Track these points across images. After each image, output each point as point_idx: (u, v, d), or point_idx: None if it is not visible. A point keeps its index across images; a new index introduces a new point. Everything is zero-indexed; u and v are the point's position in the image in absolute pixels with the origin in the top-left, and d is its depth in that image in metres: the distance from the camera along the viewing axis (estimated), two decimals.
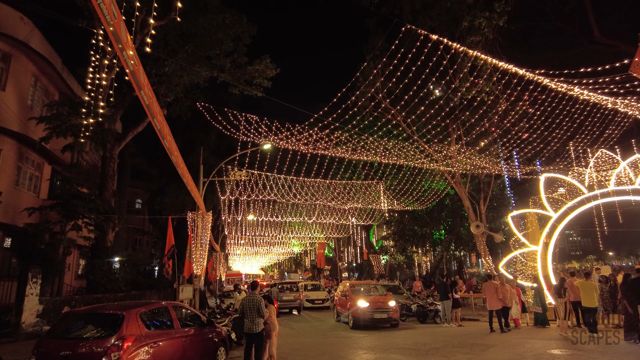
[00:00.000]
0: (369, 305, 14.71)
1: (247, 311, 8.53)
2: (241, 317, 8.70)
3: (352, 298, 15.36)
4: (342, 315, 16.84)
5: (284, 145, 15.74)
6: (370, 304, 14.75)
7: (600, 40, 18.43)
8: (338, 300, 17.62)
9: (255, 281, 10.35)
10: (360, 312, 14.56)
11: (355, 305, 14.77)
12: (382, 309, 14.76)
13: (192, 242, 17.09)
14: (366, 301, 14.87)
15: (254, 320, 8.48)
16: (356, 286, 16.99)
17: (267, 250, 48.31)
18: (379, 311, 14.67)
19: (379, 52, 18.22)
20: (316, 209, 28.02)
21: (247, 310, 8.58)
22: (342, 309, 16.64)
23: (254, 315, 8.51)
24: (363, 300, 14.92)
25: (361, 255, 43.67)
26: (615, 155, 14.99)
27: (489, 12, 15.77)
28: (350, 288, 16.41)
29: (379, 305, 14.83)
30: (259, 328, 8.50)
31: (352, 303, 15.07)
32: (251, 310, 8.59)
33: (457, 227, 30.97)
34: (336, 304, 17.75)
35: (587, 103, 15.27)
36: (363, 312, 14.53)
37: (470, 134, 19.39)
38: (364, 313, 14.51)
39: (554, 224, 15.13)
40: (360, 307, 14.65)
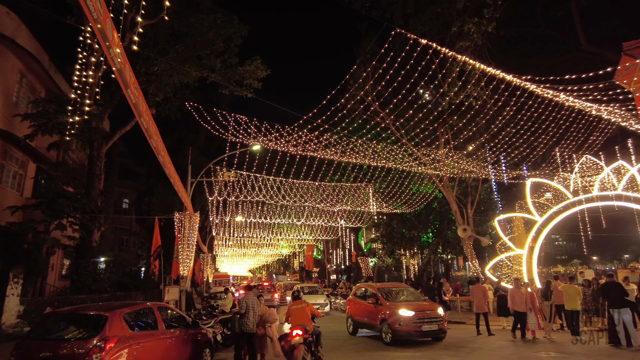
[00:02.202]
0: (415, 314, 11.80)
1: (250, 310, 8.74)
2: (241, 316, 8.85)
3: (387, 306, 12.42)
4: (365, 327, 13.68)
5: (274, 146, 15.72)
6: (416, 312, 11.85)
7: (586, 48, 18.73)
8: (355, 307, 14.32)
9: (249, 284, 10.70)
10: (404, 323, 11.69)
11: (394, 315, 11.88)
12: (432, 319, 11.95)
13: (179, 242, 16.95)
14: (410, 309, 11.93)
15: (253, 321, 8.72)
16: (386, 289, 13.71)
17: (255, 252, 48.12)
18: (428, 322, 11.86)
19: (369, 56, 18.31)
20: (305, 210, 27.99)
21: (250, 309, 8.75)
22: (366, 319, 13.42)
23: (256, 315, 8.75)
24: (405, 309, 11.97)
25: (350, 257, 43.74)
26: (599, 161, 15.26)
27: (478, 18, 15.95)
28: (379, 292, 13.25)
29: (427, 314, 11.99)
30: (253, 328, 8.77)
31: (388, 312, 12.18)
32: (255, 310, 8.85)
33: (444, 231, 31.20)
34: (352, 312, 14.45)
35: (572, 109, 15.52)
36: (407, 323, 11.67)
37: (458, 138, 19.57)
38: (409, 325, 11.66)
39: (539, 228, 15.34)
40: (403, 318, 11.74)
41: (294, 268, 59.60)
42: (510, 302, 12.52)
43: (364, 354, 10.92)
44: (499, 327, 14.63)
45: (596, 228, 29.82)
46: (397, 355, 10.62)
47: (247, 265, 69.30)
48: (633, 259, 58.95)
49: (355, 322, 14.18)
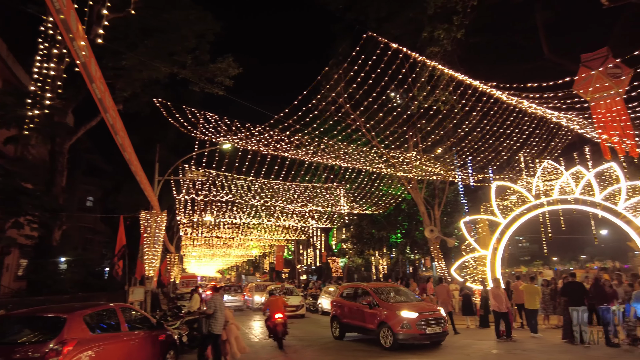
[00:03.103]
0: (418, 316, 10.98)
1: (218, 311, 8.66)
2: (209, 317, 8.74)
3: (386, 307, 11.55)
4: (356, 331, 12.81)
5: (244, 145, 15.58)
6: (420, 314, 11.05)
7: (549, 57, 19.52)
8: (343, 309, 13.14)
9: (217, 285, 10.59)
10: (407, 326, 10.82)
11: (395, 317, 11.02)
12: (436, 321, 11.20)
13: (144, 242, 16.53)
14: (413, 311, 11.10)
15: (222, 322, 8.64)
16: (380, 289, 12.79)
17: (225, 253, 47.49)
18: (432, 324, 11.09)
19: (342, 58, 18.44)
20: (276, 210, 27.86)
21: (218, 310, 8.72)
22: (357, 322, 12.42)
23: (222, 316, 8.67)
24: (408, 310, 11.13)
25: (320, 257, 43.86)
26: (559, 166, 15.92)
27: (448, 25, 16.35)
28: (374, 293, 12.29)
29: (430, 315, 11.22)
30: (222, 330, 8.71)
31: (387, 314, 11.29)
32: (221, 311, 8.76)
33: (412, 231, 31.80)
34: (339, 314, 13.25)
35: (535, 116, 16.17)
36: (411, 326, 10.82)
37: (427, 141, 20.00)
38: (413, 327, 10.80)
39: (503, 229, 15.86)
40: (406, 320, 10.90)
41: (264, 269, 59.18)
42: (492, 302, 12.38)
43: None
44: (464, 326, 15.03)
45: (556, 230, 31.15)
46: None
47: (215, 266, 68.32)
48: (589, 259, 61.89)
49: (343, 326, 13.07)
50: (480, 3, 17.22)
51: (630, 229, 13.78)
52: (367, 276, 42.47)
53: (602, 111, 15.15)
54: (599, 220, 21.99)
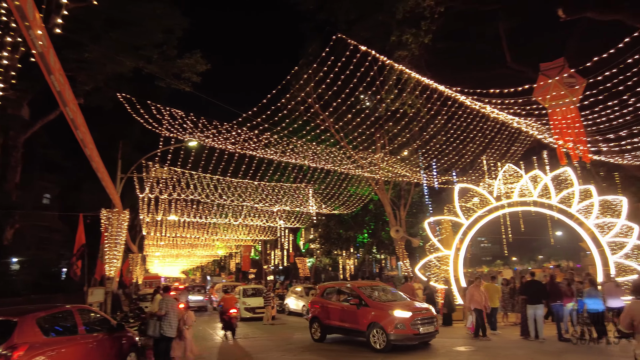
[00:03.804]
0: (412, 315, 10.62)
1: (170, 313, 8.35)
2: (160, 318, 8.39)
3: (377, 307, 11.08)
4: (341, 333, 12.25)
5: (211, 143, 15.33)
6: (413, 313, 10.70)
7: (512, 65, 20.27)
8: (325, 310, 12.52)
9: (168, 285, 10.19)
10: (401, 326, 10.40)
11: (388, 317, 10.57)
12: (428, 320, 10.91)
13: (105, 241, 15.97)
14: (406, 310, 10.76)
15: (174, 325, 8.34)
16: (367, 288, 12.36)
17: (190, 253, 46.49)
18: (426, 323, 10.78)
19: (312, 58, 18.48)
20: (243, 210, 27.55)
21: (171, 311, 8.36)
22: (343, 323, 11.86)
23: (174, 318, 8.38)
24: (400, 309, 10.75)
25: (288, 258, 43.74)
26: (519, 170, 16.55)
27: (416, 29, 16.70)
28: (362, 292, 11.73)
29: (423, 314, 10.90)
30: (175, 332, 8.36)
31: (378, 314, 10.83)
32: (173, 312, 8.39)
33: (379, 232, 32.28)
34: (320, 316, 12.61)
35: (497, 121, 16.77)
36: (405, 326, 10.40)
37: (394, 143, 20.36)
38: (407, 327, 10.40)
39: (465, 230, 16.33)
40: (400, 320, 10.47)
41: (230, 269, 58.38)
42: (469, 301, 12.41)
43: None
44: None
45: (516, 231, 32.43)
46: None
47: (180, 267, 66.81)
48: (546, 259, 64.76)
49: (324, 327, 12.43)
50: (447, 10, 17.71)
51: (582, 230, 14.52)
52: (335, 276, 42.73)
53: (558, 118, 15.91)
54: (555, 222, 23.01)
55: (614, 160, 18.08)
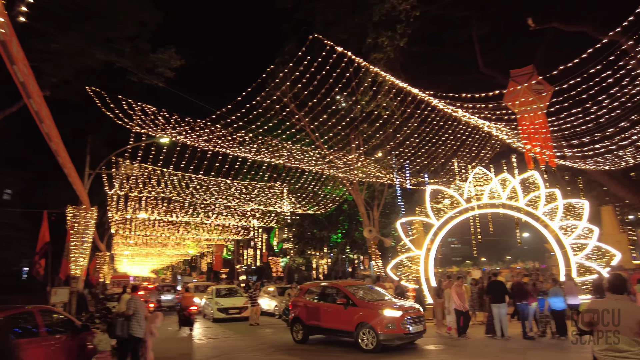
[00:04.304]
0: (402, 314, 10.54)
1: (138, 313, 8.14)
2: (128, 319, 8.18)
3: (366, 307, 10.91)
4: (327, 333, 11.98)
5: (183, 140, 15.05)
6: (404, 312, 10.63)
7: (483, 71, 20.79)
8: (309, 310, 12.20)
9: (136, 285, 9.94)
10: (392, 326, 10.26)
11: (378, 317, 10.41)
12: (418, 319, 10.88)
13: (71, 239, 15.44)
14: (396, 309, 10.67)
15: (141, 323, 8.13)
16: (353, 287, 12.22)
17: (160, 252, 45.51)
18: (415, 322, 10.72)
19: (288, 57, 18.43)
20: (215, 209, 27.18)
21: (139, 311, 8.19)
22: (329, 323, 11.59)
23: (142, 317, 8.17)
24: (390, 309, 10.66)
25: (261, 257, 43.44)
26: (489, 173, 17.02)
27: (392, 32, 16.90)
28: (350, 292, 11.55)
29: (412, 313, 10.86)
30: (143, 332, 8.17)
31: (368, 314, 10.64)
32: (141, 312, 8.21)
33: (352, 231, 32.53)
34: (303, 316, 12.30)
35: (468, 125, 17.19)
36: (395, 325, 10.28)
37: (368, 144, 20.55)
38: (397, 327, 10.27)
39: (436, 231, 16.66)
40: (390, 319, 10.36)
41: (201, 269, 57.49)
42: (455, 300, 12.33)
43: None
44: None
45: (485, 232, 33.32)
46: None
47: (150, 266, 65.35)
48: (513, 260, 66.85)
49: (307, 328, 12.08)
50: (422, 14, 18.01)
51: (547, 232, 15.06)
52: (308, 275, 42.75)
53: (526, 123, 16.45)
54: (522, 224, 23.79)
55: (578, 165, 18.84)
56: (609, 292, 4.54)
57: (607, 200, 26.29)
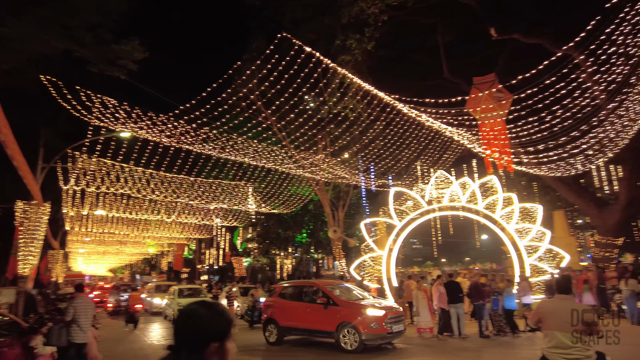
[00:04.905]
0: (385, 313, 10.49)
1: (80, 317, 7.51)
2: (67, 324, 7.50)
3: (348, 306, 10.82)
4: (305, 334, 11.86)
5: (145, 135, 14.58)
6: (386, 312, 10.58)
7: (448, 77, 21.40)
8: (285, 310, 12.02)
9: (81, 283, 9.14)
10: (376, 325, 10.21)
11: (361, 316, 10.34)
12: (399, 318, 10.95)
13: (20, 236, 14.62)
14: (379, 309, 10.65)
15: (87, 328, 7.54)
16: (334, 287, 12.00)
17: (118, 250, 43.90)
18: (397, 321, 10.76)
19: (256, 54, 18.26)
20: (177, 207, 26.49)
21: (81, 315, 7.56)
22: (307, 324, 11.37)
23: (89, 322, 7.61)
24: (374, 308, 10.63)
25: (224, 257, 42.78)
26: (450, 176, 17.51)
27: (360, 35, 17.08)
28: (329, 291, 11.39)
29: (394, 312, 10.91)
30: (87, 337, 7.55)
31: (350, 313, 10.53)
32: (87, 316, 7.63)
33: (317, 232, 32.61)
34: (278, 317, 12.02)
35: (431, 129, 17.63)
36: (378, 325, 10.23)
37: (335, 145, 20.68)
38: (380, 327, 10.22)
39: (398, 232, 16.96)
40: (374, 319, 10.31)
41: (161, 268, 55.94)
42: (437, 300, 12.43)
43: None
44: None
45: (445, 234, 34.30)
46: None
47: (107, 265, 62.97)
48: (472, 261, 69.11)
49: (282, 329, 11.78)
50: (390, 19, 18.30)
51: (503, 235, 15.66)
52: (272, 276, 42.47)
53: (487, 130, 17.07)
54: (480, 226, 24.63)
55: (533, 171, 19.72)
56: (556, 292, 4.78)
57: (559, 205, 27.69)
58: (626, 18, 11.45)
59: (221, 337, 1.69)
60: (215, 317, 1.73)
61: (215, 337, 1.68)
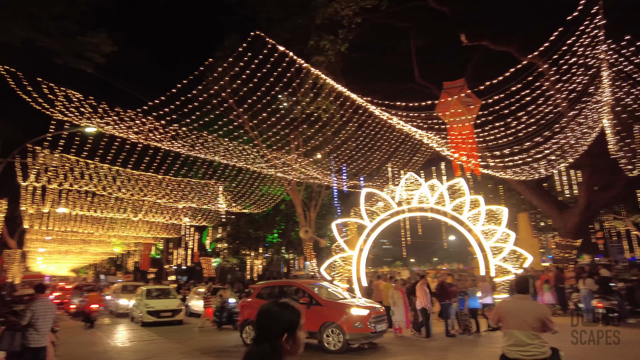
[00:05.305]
0: (369, 313, 10.48)
1: (39, 320, 7.07)
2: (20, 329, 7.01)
3: (332, 306, 10.77)
4: None
5: (111, 130, 14.13)
6: (370, 311, 10.61)
7: (419, 81, 21.79)
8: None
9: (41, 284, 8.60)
10: (361, 325, 10.17)
11: (345, 315, 10.29)
12: (382, 317, 11.02)
13: None
14: (363, 308, 10.66)
15: (45, 332, 7.10)
16: (315, 286, 11.90)
17: (81, 249, 42.34)
18: (380, 320, 10.83)
19: (229, 51, 18.05)
20: (144, 205, 25.80)
21: (40, 318, 7.13)
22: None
23: (48, 326, 7.19)
24: (358, 307, 10.62)
25: (192, 257, 42.02)
26: (419, 178, 17.84)
27: (334, 37, 17.17)
28: (312, 290, 11.27)
29: (377, 311, 10.90)
30: (45, 340, 7.14)
31: (334, 313, 10.49)
32: (46, 319, 7.18)
33: (289, 232, 32.52)
34: (252, 317, 11.44)
35: (401, 132, 17.93)
36: (362, 324, 10.19)
37: (307, 145, 20.69)
38: (364, 326, 10.18)
39: (369, 232, 17.14)
40: (359, 318, 10.29)
41: (127, 268, 54.37)
42: (421, 300, 12.32)
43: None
44: None
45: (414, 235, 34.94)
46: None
47: (69, 264, 60.64)
48: (440, 262, 70.67)
49: None
50: (364, 21, 18.49)
51: (470, 236, 16.09)
52: (242, 276, 42.03)
53: (455, 133, 17.50)
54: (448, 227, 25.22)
55: (499, 174, 20.37)
56: (515, 292, 4.97)
57: (523, 208, 28.75)
58: (585, 31, 12.00)
59: (290, 329, 2.10)
60: (284, 313, 2.13)
61: (286, 329, 2.09)
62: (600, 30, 12.14)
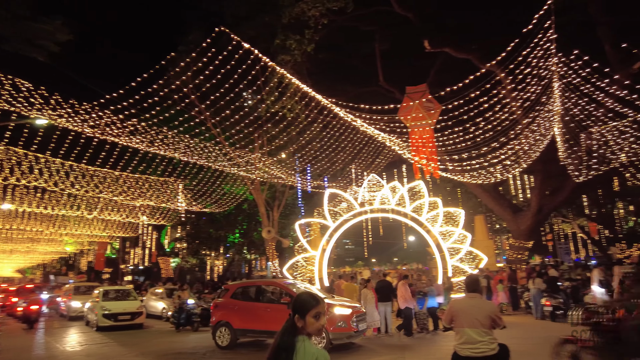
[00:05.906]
0: (352, 312, 10.43)
1: None
2: None
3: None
4: (265, 336, 11.22)
5: (64, 123, 13.44)
6: (352, 310, 10.55)
7: (383, 84, 22.13)
8: (240, 312, 11.48)
9: None
10: (344, 324, 10.15)
11: (328, 314, 9.83)
12: (363, 317, 11.01)
13: None
14: (345, 307, 10.59)
15: None
16: (295, 285, 11.68)
17: (29, 248, 40.02)
18: (361, 319, 10.80)
19: (193, 46, 17.62)
20: (99, 202, 24.71)
21: None
22: (268, 325, 10.62)
23: None
24: (341, 307, 10.54)
25: (150, 257, 40.75)
26: (381, 180, 18.15)
27: (300, 37, 17.14)
28: (292, 290, 11.10)
29: (357, 310, 10.84)
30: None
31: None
32: None
33: (251, 232, 32.17)
34: (231, 319, 11.41)
35: (365, 134, 18.19)
36: (345, 323, 10.16)
37: (272, 145, 20.56)
38: (347, 325, 10.15)
39: (331, 232, 17.26)
40: (340, 317, 10.26)
41: (80, 268, 51.96)
42: (404, 299, 12.37)
43: None
44: None
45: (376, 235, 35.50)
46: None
47: (14, 264, 57.20)
48: (400, 262, 72.14)
49: (237, 332, 11.20)
50: (331, 23, 18.57)
51: (428, 237, 16.54)
52: (201, 277, 41.16)
53: (416, 137, 17.94)
54: (408, 228, 25.82)
55: (457, 178, 21.05)
56: (465, 291, 5.15)
57: (480, 210, 29.88)
58: (539, 43, 12.64)
59: (299, 311, 2.49)
60: (299, 298, 2.59)
61: (296, 311, 2.50)
62: (552, 43, 12.82)
